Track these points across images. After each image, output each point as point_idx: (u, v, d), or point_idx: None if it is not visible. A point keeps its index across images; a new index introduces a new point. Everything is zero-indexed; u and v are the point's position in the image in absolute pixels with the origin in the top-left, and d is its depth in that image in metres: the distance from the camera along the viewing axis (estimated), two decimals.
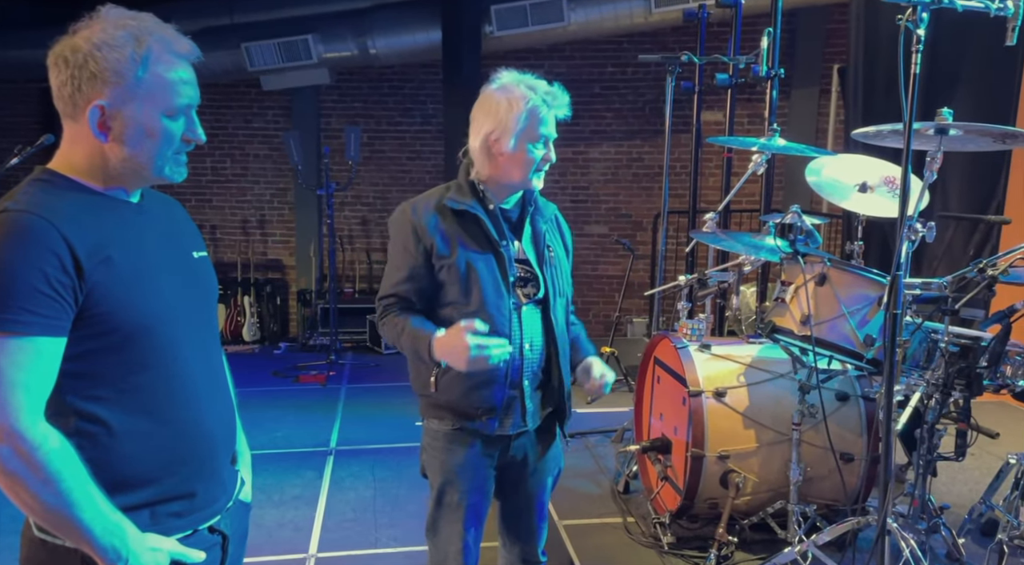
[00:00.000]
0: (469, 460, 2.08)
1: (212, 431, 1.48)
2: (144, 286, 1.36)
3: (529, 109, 1.99)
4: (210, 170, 8.11)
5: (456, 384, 2.03)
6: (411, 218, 2.05)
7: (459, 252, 2.02)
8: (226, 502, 1.53)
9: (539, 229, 2.15)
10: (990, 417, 4.12)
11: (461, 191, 2.07)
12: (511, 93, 2.00)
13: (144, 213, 1.44)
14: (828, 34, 7.49)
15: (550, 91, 2.03)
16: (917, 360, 2.73)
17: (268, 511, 3.86)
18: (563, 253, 2.21)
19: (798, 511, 2.81)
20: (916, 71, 2.17)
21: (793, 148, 3.44)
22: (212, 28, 7.34)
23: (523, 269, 2.10)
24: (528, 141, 2.01)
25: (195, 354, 1.45)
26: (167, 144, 1.38)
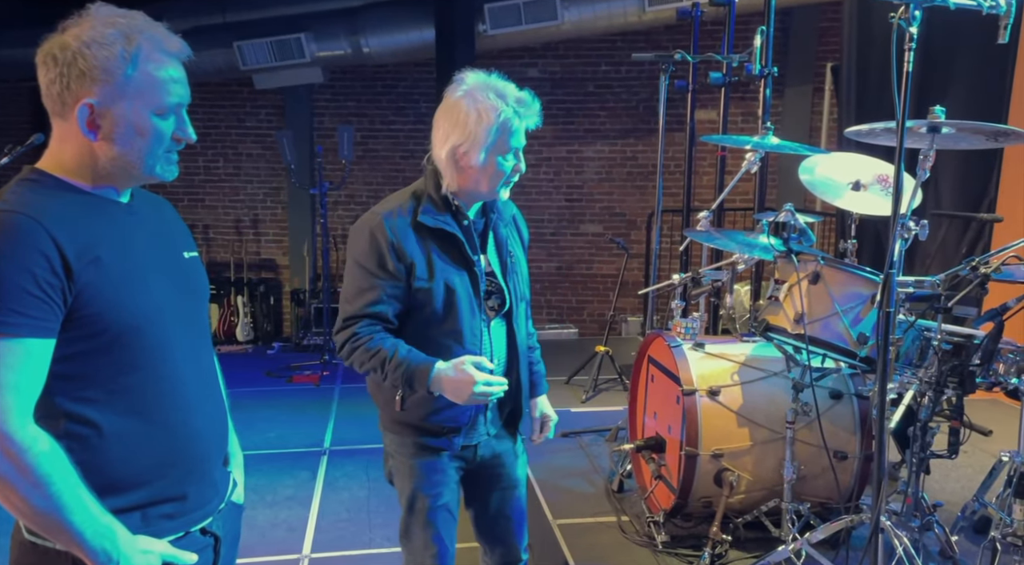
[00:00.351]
0: (436, 465, 2.06)
1: (203, 432, 1.47)
2: (133, 287, 1.35)
3: (500, 122, 1.90)
4: (203, 169, 8.09)
5: (423, 405, 1.99)
6: (388, 237, 1.93)
7: (438, 273, 1.95)
8: (218, 504, 1.53)
9: (501, 237, 2.11)
10: (983, 415, 4.13)
11: (435, 205, 1.98)
12: (480, 103, 1.89)
13: (134, 213, 1.43)
14: (821, 32, 7.51)
15: (520, 99, 1.94)
16: (910, 358, 2.73)
17: (261, 511, 3.85)
18: (522, 254, 2.17)
19: (792, 509, 2.81)
20: (909, 69, 2.17)
21: (786, 146, 3.45)
22: (205, 27, 7.32)
23: (490, 282, 2.07)
24: (498, 154, 1.92)
25: (185, 355, 1.45)
26: (157, 143, 1.38)
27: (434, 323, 1.98)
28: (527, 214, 2.26)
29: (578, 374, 5.68)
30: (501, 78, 1.97)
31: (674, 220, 7.24)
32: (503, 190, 2.01)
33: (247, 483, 1.85)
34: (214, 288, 7.90)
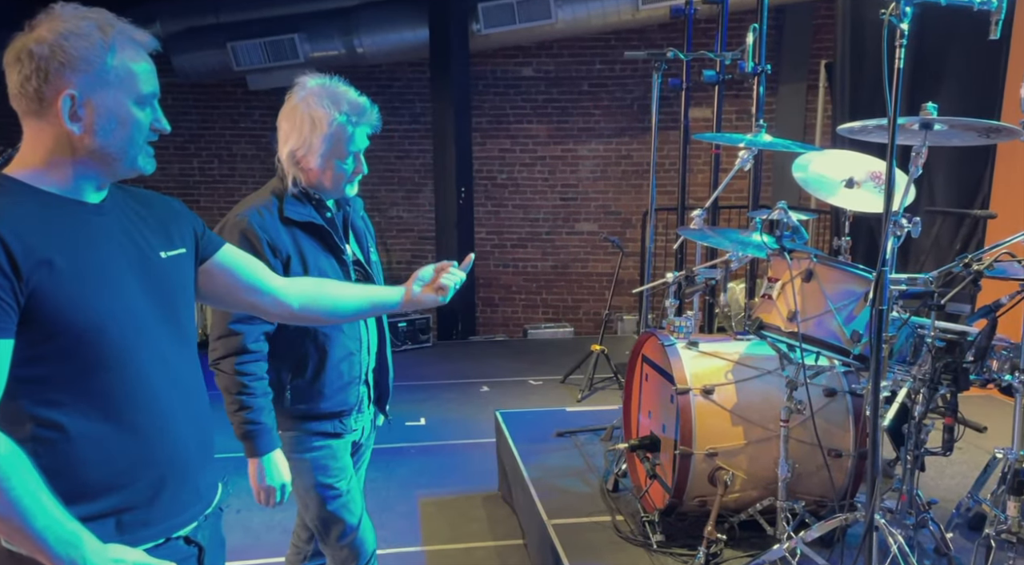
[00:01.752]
0: (332, 453, 2.18)
1: (178, 435, 1.45)
2: (96, 288, 1.34)
3: (333, 130, 2.01)
4: (197, 171, 8.08)
5: (315, 391, 2.13)
6: (259, 235, 2.00)
7: (311, 264, 2.05)
8: (202, 510, 1.51)
9: (359, 229, 2.25)
10: (978, 411, 4.11)
11: (297, 199, 2.07)
12: (314, 111, 2.00)
13: (104, 213, 1.42)
14: (815, 30, 7.51)
15: (355, 106, 2.03)
16: (904, 355, 2.72)
17: (256, 514, 3.83)
18: (375, 247, 2.33)
19: (786, 508, 2.80)
20: (900, 66, 2.16)
21: (779, 144, 3.44)
22: (198, 28, 7.32)
23: (358, 271, 2.18)
24: (335, 158, 2.05)
25: (158, 357, 1.42)
26: (138, 132, 1.38)
27: None
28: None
29: (574, 373, 5.67)
30: (341, 83, 2.08)
31: (669, 218, 7.23)
32: (348, 188, 2.12)
33: (241, 486, 1.83)
34: None
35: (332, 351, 2.12)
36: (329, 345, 2.11)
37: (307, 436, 2.16)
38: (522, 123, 7.79)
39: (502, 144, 7.78)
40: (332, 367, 2.13)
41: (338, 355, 2.14)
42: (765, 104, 7.68)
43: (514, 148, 7.88)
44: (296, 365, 2.12)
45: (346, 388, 2.16)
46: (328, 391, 2.13)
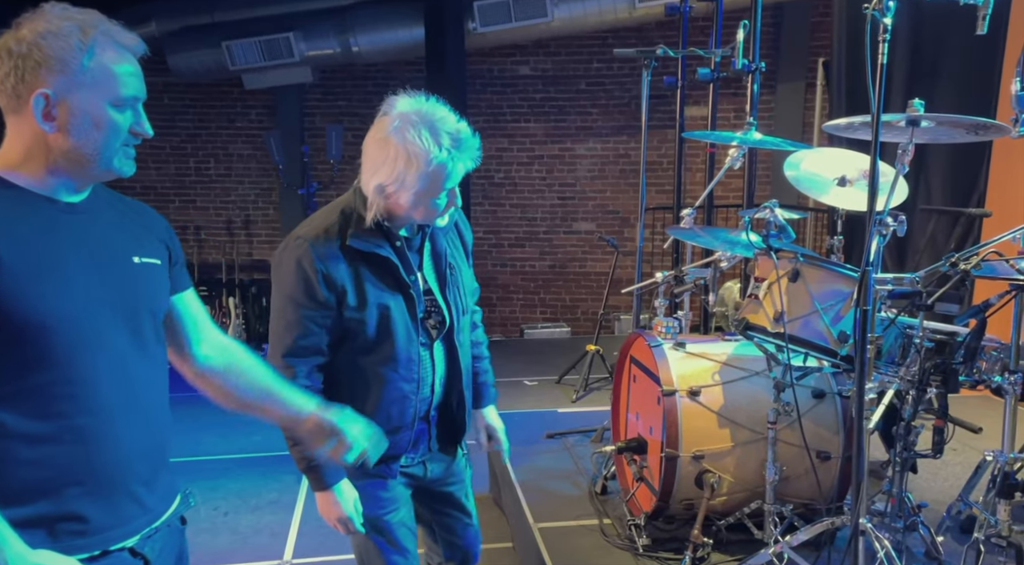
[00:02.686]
0: (383, 484, 2.00)
1: (125, 444, 1.40)
2: (48, 286, 1.31)
3: (432, 170, 1.76)
4: (193, 170, 8.06)
5: None
6: (316, 266, 1.82)
7: (371, 301, 1.86)
8: (146, 523, 1.46)
9: (439, 249, 1.99)
10: (973, 412, 4.07)
11: (365, 226, 1.85)
12: (411, 146, 1.76)
13: (78, 213, 1.40)
14: (813, 27, 7.46)
15: (456, 139, 1.79)
16: (892, 356, 2.68)
17: (243, 517, 3.82)
18: (465, 263, 2.08)
19: (774, 511, 2.76)
20: (884, 61, 2.12)
21: (769, 142, 3.40)
22: (193, 27, 7.29)
23: (428, 302, 1.97)
24: (430, 196, 1.81)
25: (112, 361, 1.39)
26: (114, 135, 1.37)
27: (366, 351, 1.90)
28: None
29: (569, 373, 5.63)
30: (439, 105, 1.83)
31: (667, 217, 7.19)
32: (439, 220, 1.93)
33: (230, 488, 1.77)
34: (205, 289, 7.86)
35: (382, 392, 1.93)
36: (378, 386, 1.92)
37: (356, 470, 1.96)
38: (519, 122, 7.76)
39: (499, 143, 7.74)
40: (380, 410, 1.92)
41: (388, 397, 1.93)
42: (764, 103, 7.70)
43: (511, 147, 7.84)
44: (343, 399, 1.90)
45: (395, 433, 1.93)
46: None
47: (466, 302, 2.05)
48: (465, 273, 2.07)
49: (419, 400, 1.97)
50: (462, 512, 2.22)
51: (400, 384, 1.93)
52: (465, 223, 2.14)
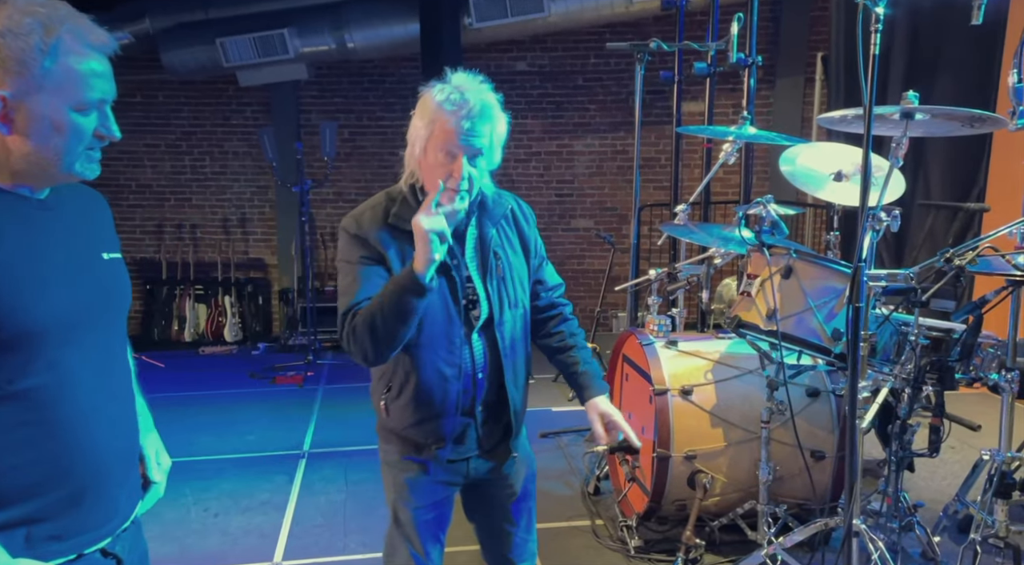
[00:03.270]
0: (421, 478, 1.99)
1: (101, 447, 1.37)
2: (31, 289, 1.27)
3: (433, 116, 1.82)
4: (189, 168, 8.01)
5: (406, 414, 1.93)
6: (355, 230, 1.88)
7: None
8: (120, 523, 1.44)
9: (486, 236, 1.95)
10: (972, 409, 4.03)
11: (407, 208, 1.86)
12: (427, 96, 1.86)
13: (49, 209, 1.35)
14: (812, 22, 7.39)
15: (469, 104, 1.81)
16: (887, 354, 2.63)
17: (234, 518, 3.77)
18: (518, 255, 2.01)
19: (768, 512, 2.72)
20: (876, 52, 2.07)
21: (763, 136, 3.35)
22: (187, 24, 7.23)
23: (468, 290, 1.93)
24: (438, 152, 1.82)
25: (88, 364, 1.35)
26: (76, 140, 1.30)
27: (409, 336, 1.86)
28: None
29: None
30: (482, 83, 1.88)
31: (664, 214, 7.14)
32: (454, 204, 1.82)
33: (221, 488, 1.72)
34: (201, 288, 7.83)
35: (421, 372, 1.89)
36: (418, 365, 1.88)
37: (395, 450, 2.00)
38: (516, 118, 7.66)
39: None
40: (420, 391, 1.90)
41: (428, 379, 1.90)
42: (763, 98, 7.63)
43: (508, 144, 7.71)
44: (388, 379, 1.95)
45: (437, 418, 1.91)
46: (416, 417, 1.93)
47: (514, 295, 1.97)
48: (517, 267, 2.00)
49: (461, 388, 1.92)
50: (506, 520, 2.12)
51: (441, 366, 1.89)
52: (527, 216, 2.08)
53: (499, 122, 1.89)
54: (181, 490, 4.01)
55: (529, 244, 2.05)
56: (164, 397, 5.68)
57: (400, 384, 1.91)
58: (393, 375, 1.92)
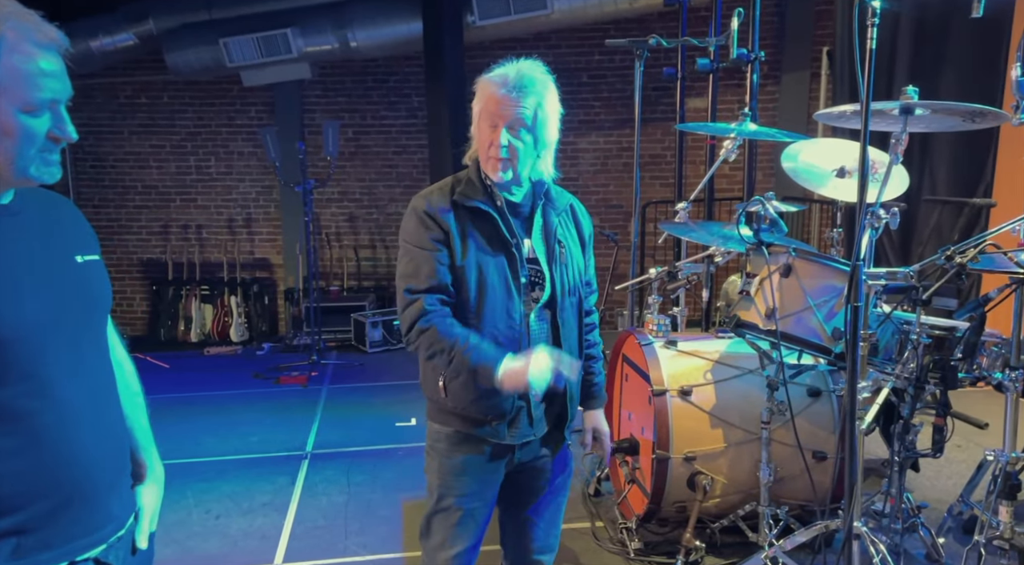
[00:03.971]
0: (471, 465, 2.02)
1: (88, 454, 1.35)
2: (2, 296, 1.24)
3: (482, 88, 1.90)
4: (194, 169, 8.01)
5: (465, 391, 1.96)
6: (426, 208, 1.94)
7: (471, 252, 1.91)
8: (113, 531, 1.42)
9: (550, 223, 2.01)
10: (979, 407, 3.96)
11: (471, 187, 1.95)
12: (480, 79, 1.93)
13: (14, 214, 1.32)
14: (817, 16, 7.32)
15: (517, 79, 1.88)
16: (890, 353, 2.59)
17: (235, 520, 3.76)
18: (577, 248, 2.07)
19: (769, 513, 2.68)
20: (872, 46, 2.03)
21: (763, 133, 3.31)
22: (191, 24, 7.23)
23: (532, 270, 1.98)
24: (485, 127, 1.90)
25: (68, 369, 1.33)
26: (27, 143, 1.25)
27: (469, 309, 1.92)
28: None
29: None
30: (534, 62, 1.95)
31: (668, 211, 7.09)
32: (498, 173, 1.91)
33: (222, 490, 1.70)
34: (207, 288, 7.83)
35: None
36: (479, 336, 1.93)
37: (455, 435, 2.01)
38: None
39: None
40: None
41: None
42: (768, 93, 7.57)
43: None
44: None
45: (496, 394, 1.90)
46: (476, 393, 1.93)
47: (574, 282, 2.03)
48: (577, 257, 2.06)
49: None
50: (533, 510, 2.13)
51: (500, 340, 1.92)
52: (584, 214, 2.14)
53: (547, 98, 1.95)
54: (183, 492, 4.01)
55: (586, 240, 2.11)
56: (169, 398, 5.68)
57: None
58: None
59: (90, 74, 7.46)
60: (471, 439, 2.00)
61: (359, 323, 7.12)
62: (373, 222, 8.02)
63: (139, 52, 7.37)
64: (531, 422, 2.00)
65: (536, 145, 1.94)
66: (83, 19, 7.22)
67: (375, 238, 8.05)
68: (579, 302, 2.06)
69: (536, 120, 1.91)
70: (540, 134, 1.94)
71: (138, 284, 8.13)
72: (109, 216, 8.05)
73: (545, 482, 2.12)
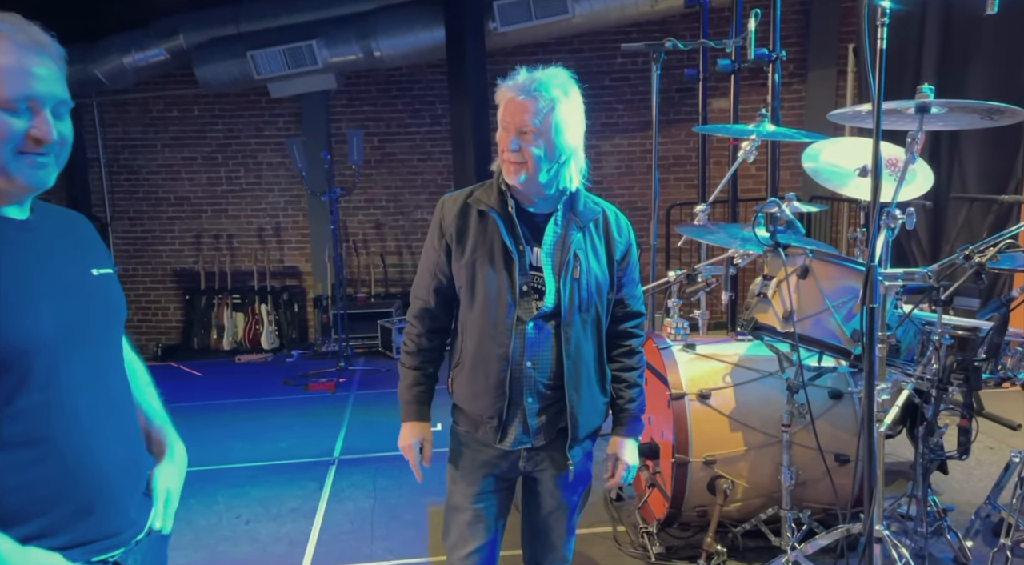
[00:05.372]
0: (477, 465, 2.07)
1: (105, 460, 1.39)
2: (20, 309, 1.28)
3: (499, 94, 1.93)
4: (224, 180, 8.15)
5: (464, 387, 2.03)
6: (440, 213, 2.03)
7: (470, 253, 1.95)
8: (133, 535, 1.45)
9: (569, 234, 1.95)
10: (1013, 407, 3.90)
11: (487, 191, 2.00)
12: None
13: (31, 230, 1.36)
14: (843, 13, 7.24)
15: (530, 80, 1.90)
16: (912, 354, 2.56)
17: (265, 525, 3.81)
18: (599, 264, 1.99)
19: (791, 517, 2.66)
20: (883, 46, 2.02)
21: (781, 133, 3.29)
22: (219, 38, 7.37)
23: (534, 277, 1.95)
24: (502, 134, 1.91)
25: (83, 380, 1.37)
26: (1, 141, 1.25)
27: (467, 308, 1.98)
28: None
29: None
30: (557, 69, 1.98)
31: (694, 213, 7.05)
32: (512, 176, 1.90)
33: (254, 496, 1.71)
34: (238, 297, 7.95)
35: (475, 346, 1.97)
36: (473, 337, 1.97)
37: (462, 434, 2.09)
38: None
39: None
40: (473, 364, 1.98)
41: (479, 353, 1.96)
42: (795, 92, 7.50)
43: None
44: (457, 353, 2.07)
45: (487, 395, 1.96)
46: (471, 389, 1.99)
47: (588, 299, 1.96)
48: (597, 273, 1.98)
49: (508, 371, 1.93)
50: (546, 525, 2.14)
51: (491, 344, 1.94)
52: (622, 230, 2.06)
53: (562, 103, 1.90)
54: (214, 498, 4.08)
55: (615, 255, 2.02)
56: (201, 406, 5.79)
57: (461, 357, 2.02)
58: (459, 349, 2.04)
59: (123, 89, 7.64)
60: (473, 439, 2.05)
61: (386, 329, 7.18)
62: (399, 229, 8.09)
63: (170, 67, 7.52)
64: (527, 430, 1.99)
65: (554, 152, 1.89)
66: (115, 36, 7.39)
67: (401, 244, 8.11)
68: (597, 320, 1.99)
69: (549, 125, 1.87)
70: (556, 140, 1.88)
71: (172, 294, 8.28)
72: (144, 227, 8.21)
73: (552, 495, 2.09)
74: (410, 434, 2.12)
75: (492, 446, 2.02)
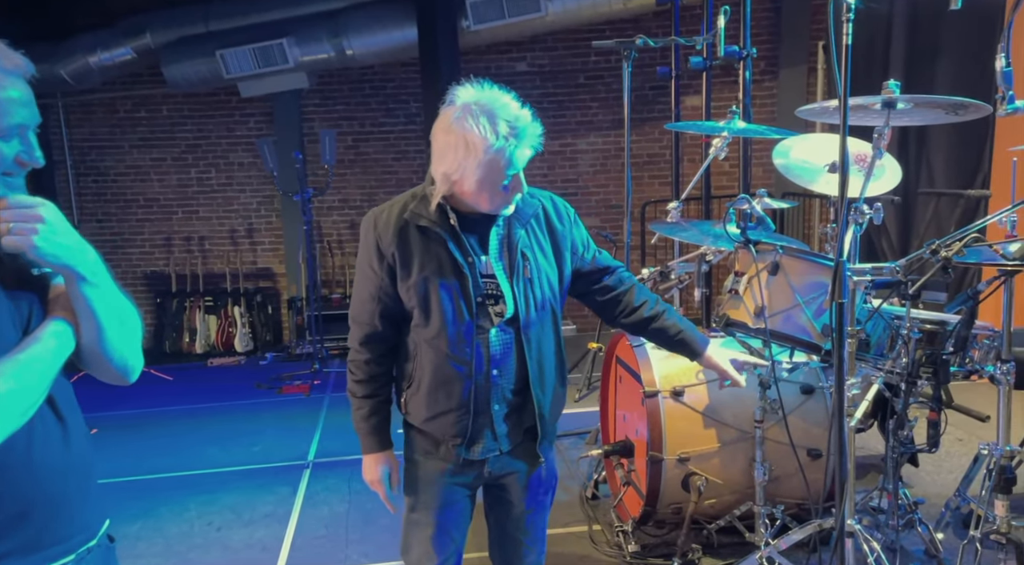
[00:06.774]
0: (438, 477, 1.99)
1: (52, 462, 1.35)
2: None
3: (489, 158, 1.75)
4: (195, 181, 8.06)
5: (421, 408, 1.95)
6: (373, 232, 1.90)
7: (417, 273, 1.86)
8: (84, 541, 1.42)
9: (513, 235, 1.92)
10: (983, 399, 3.94)
11: (422, 203, 1.88)
12: (468, 134, 1.74)
13: None
14: (813, 10, 7.30)
15: (514, 126, 1.76)
16: (881, 348, 2.58)
17: (237, 531, 3.77)
18: (547, 258, 1.96)
19: (764, 513, 2.67)
20: (848, 42, 2.02)
21: (751, 130, 3.29)
22: (188, 37, 7.28)
23: (490, 285, 1.91)
24: (491, 184, 1.80)
25: None
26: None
27: (420, 326, 1.90)
28: None
29: (572, 372, 5.55)
30: (500, 93, 1.80)
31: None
32: (505, 209, 1.87)
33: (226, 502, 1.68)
34: (210, 300, 7.86)
35: (433, 366, 1.92)
36: (430, 359, 1.91)
37: (419, 450, 2.02)
38: None
39: None
40: (432, 386, 1.93)
41: (439, 373, 1.92)
42: (767, 89, 7.55)
43: None
44: (408, 374, 1.99)
45: (450, 413, 1.92)
46: (430, 412, 1.94)
47: (542, 297, 1.95)
48: (547, 269, 1.97)
49: (472, 385, 1.90)
50: (517, 529, 2.12)
51: (451, 364, 1.90)
52: (562, 216, 2.02)
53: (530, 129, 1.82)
54: (185, 504, 4.02)
55: (562, 244, 2.00)
56: (172, 411, 5.70)
57: (416, 378, 1.94)
58: (412, 370, 1.96)
59: (90, 89, 7.51)
60: (437, 453, 1.98)
61: None
62: None
63: (137, 66, 7.41)
64: (495, 436, 1.96)
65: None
66: (81, 35, 7.27)
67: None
68: (553, 315, 1.98)
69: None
70: None
71: (142, 297, 8.17)
72: (112, 230, 8.09)
73: (521, 498, 2.07)
74: (375, 467, 2.03)
75: (455, 463, 1.97)
